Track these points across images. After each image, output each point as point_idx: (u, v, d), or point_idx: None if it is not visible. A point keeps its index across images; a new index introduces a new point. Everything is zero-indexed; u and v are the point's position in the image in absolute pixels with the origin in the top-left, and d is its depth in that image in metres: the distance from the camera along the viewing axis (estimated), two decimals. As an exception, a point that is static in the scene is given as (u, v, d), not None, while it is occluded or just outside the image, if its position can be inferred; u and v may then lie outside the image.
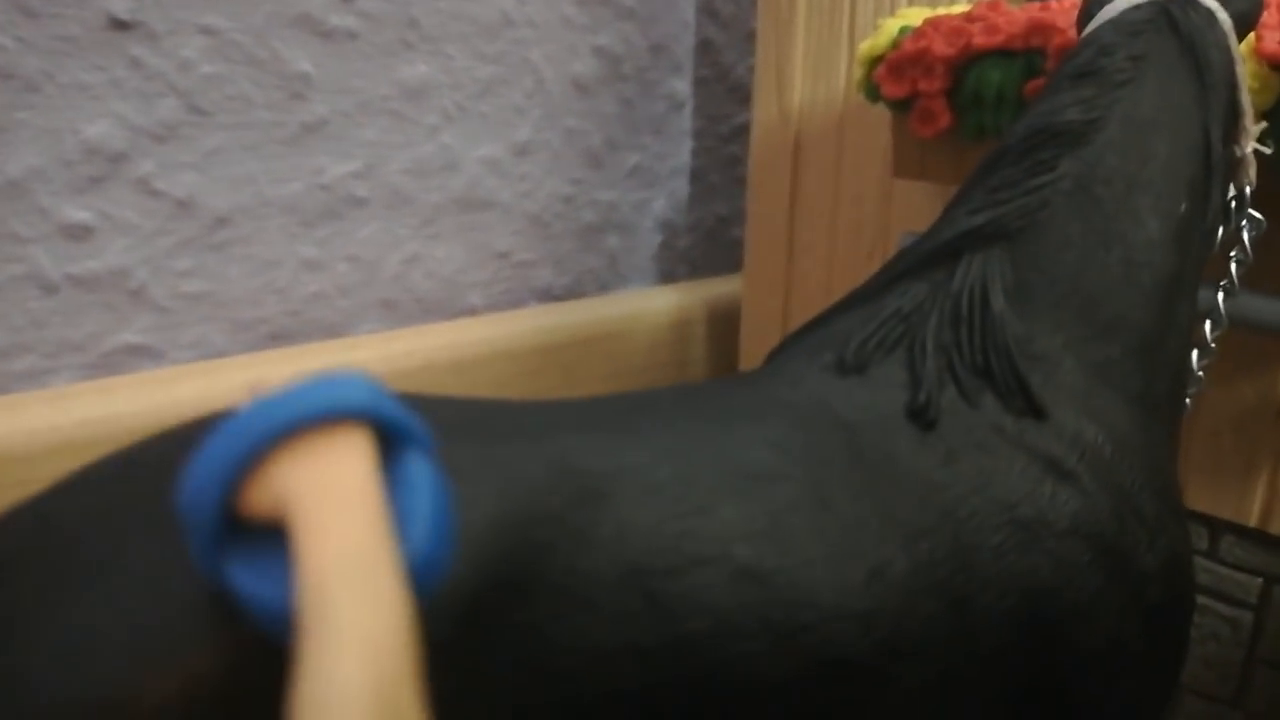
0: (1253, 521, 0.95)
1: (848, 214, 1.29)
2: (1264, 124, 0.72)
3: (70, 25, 0.98)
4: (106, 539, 0.42)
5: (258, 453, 0.37)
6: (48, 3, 0.96)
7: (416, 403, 0.52)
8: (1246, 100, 0.69)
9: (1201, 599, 1.01)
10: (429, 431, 0.41)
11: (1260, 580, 0.98)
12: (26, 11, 0.95)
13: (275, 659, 0.37)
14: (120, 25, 1.00)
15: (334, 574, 0.34)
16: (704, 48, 1.55)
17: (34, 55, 0.96)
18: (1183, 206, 0.64)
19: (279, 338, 1.19)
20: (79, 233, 1.02)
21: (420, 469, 0.39)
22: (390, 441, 0.40)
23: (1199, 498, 0.98)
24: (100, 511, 0.44)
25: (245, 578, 0.37)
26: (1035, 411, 0.58)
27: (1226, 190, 0.70)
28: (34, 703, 0.38)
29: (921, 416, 0.57)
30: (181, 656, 0.38)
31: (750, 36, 1.60)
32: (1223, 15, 0.68)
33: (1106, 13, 0.69)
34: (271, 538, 0.37)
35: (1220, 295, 0.74)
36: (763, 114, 1.35)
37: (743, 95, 1.62)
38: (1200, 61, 0.66)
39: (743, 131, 1.64)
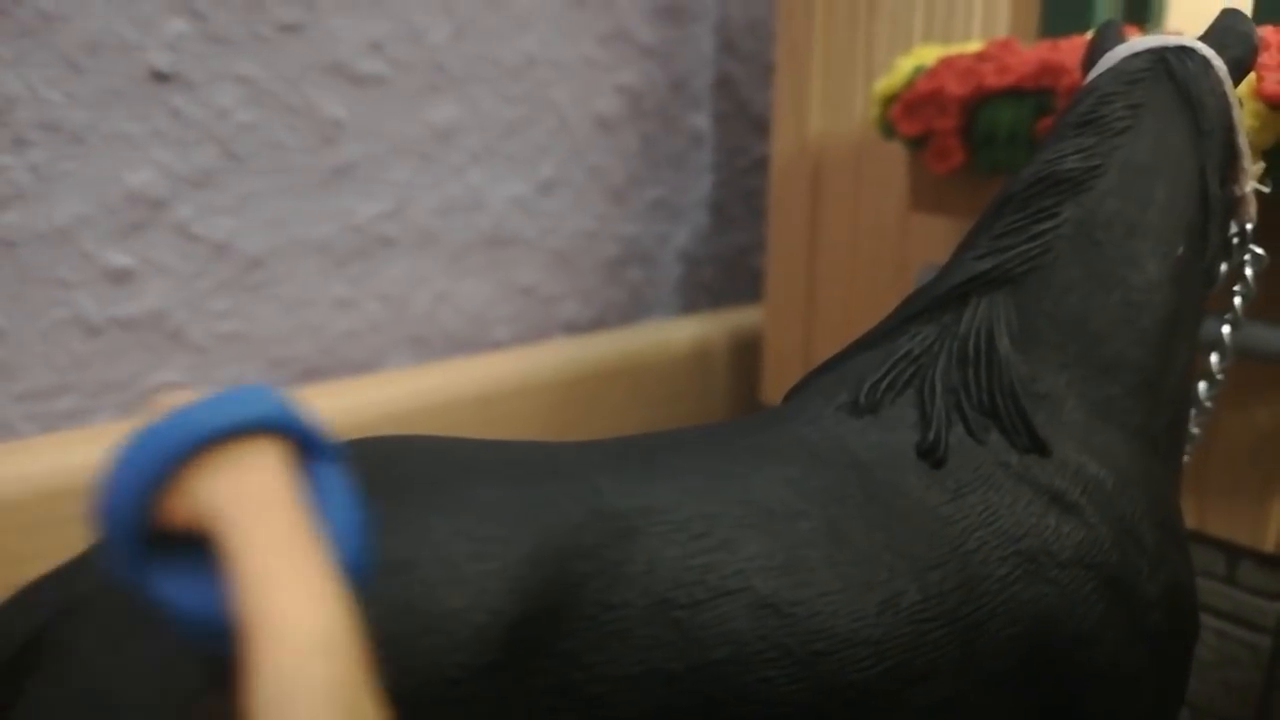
0: (1270, 547, 0.96)
1: (867, 245, 1.31)
2: (1262, 164, 0.74)
3: (114, 78, 1.02)
4: None
5: (177, 464, 0.37)
6: (93, 58, 1.00)
7: (459, 447, 0.55)
8: (1244, 142, 0.71)
9: (1219, 624, 1.02)
10: (329, 440, 0.42)
11: (1278, 605, 0.99)
12: (74, 67, 0.99)
13: None
14: (161, 77, 1.04)
15: (271, 574, 0.34)
16: (723, 83, 1.58)
17: (80, 108, 1.00)
18: (1180, 248, 0.67)
19: (312, 375, 1.22)
20: (121, 277, 1.06)
21: (331, 475, 0.40)
22: (303, 452, 0.40)
23: (1216, 523, 0.99)
24: None
25: (170, 588, 0.37)
26: (1040, 448, 0.60)
27: (1225, 230, 0.72)
28: None
29: (931, 454, 0.60)
30: None
31: (769, 71, 1.64)
32: (1218, 62, 0.70)
33: (1107, 60, 0.71)
34: (189, 548, 0.37)
35: (1226, 327, 0.76)
36: (782, 147, 1.38)
37: (762, 129, 1.65)
38: (1196, 108, 0.68)
39: (762, 164, 1.67)
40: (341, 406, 1.17)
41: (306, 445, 0.40)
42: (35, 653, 0.46)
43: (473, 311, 1.35)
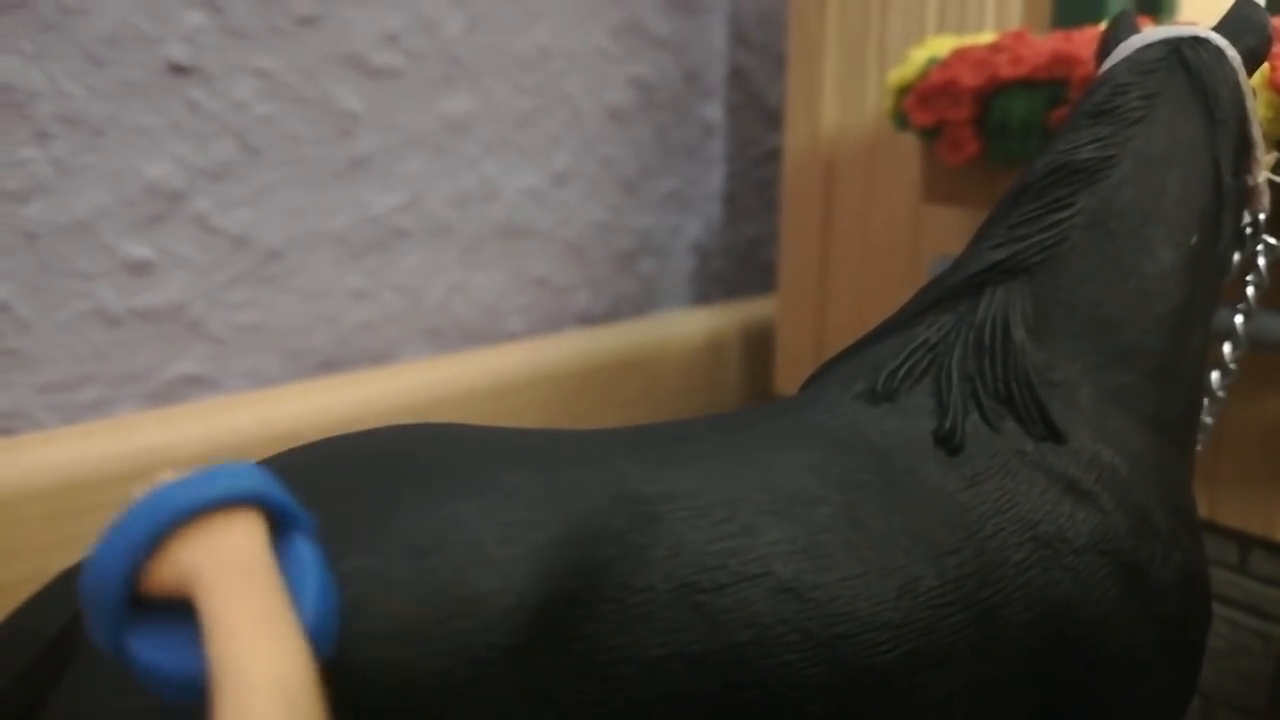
0: (1281, 536, 0.97)
1: (879, 236, 1.31)
2: (1276, 154, 0.75)
3: (133, 71, 1.03)
4: None
5: (158, 535, 0.40)
6: (113, 51, 1.01)
7: (483, 434, 0.55)
8: (1257, 132, 0.71)
9: (1232, 613, 1.03)
10: (311, 516, 0.45)
11: (1290, 594, 1.00)
12: (94, 61, 1.00)
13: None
14: (179, 70, 1.05)
15: (241, 630, 0.37)
16: (736, 74, 1.59)
17: (100, 101, 1.01)
18: (1194, 237, 0.67)
19: (329, 366, 1.23)
20: (140, 269, 1.07)
21: (305, 548, 0.43)
22: (278, 525, 0.43)
23: (1228, 513, 0.99)
24: None
25: (148, 651, 0.40)
26: (1054, 435, 0.61)
27: (1239, 219, 0.73)
28: (158, 710, 0.42)
29: (948, 442, 0.60)
30: None
31: (781, 62, 1.64)
32: (1232, 52, 0.70)
33: (1121, 51, 0.72)
34: (169, 614, 0.40)
35: (1238, 317, 0.76)
36: (794, 139, 1.38)
37: (774, 120, 1.66)
38: (1210, 98, 0.68)
39: (774, 156, 1.67)
40: (357, 398, 1.18)
41: (281, 516, 0.43)
42: (73, 638, 0.46)
43: (487, 303, 1.36)
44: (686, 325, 1.52)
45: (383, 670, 0.44)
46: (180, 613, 0.40)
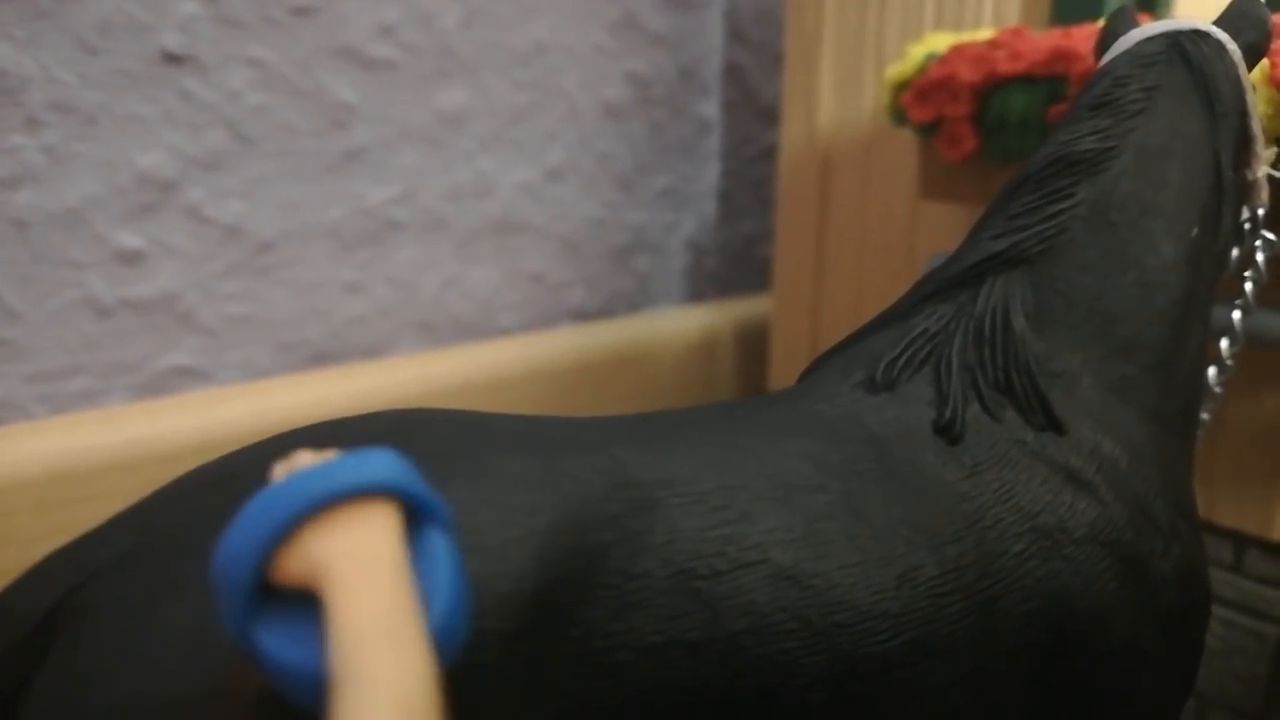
0: (1277, 536, 0.97)
1: (875, 234, 1.31)
2: (1275, 149, 0.74)
3: (126, 60, 1.02)
4: (206, 543, 0.46)
5: (293, 524, 0.39)
6: (106, 40, 1.00)
7: (481, 420, 0.55)
8: (1257, 127, 0.71)
9: (1227, 613, 1.03)
10: (447, 508, 0.43)
11: (1284, 594, 1.00)
12: (87, 49, 0.99)
13: None
14: (173, 59, 1.05)
15: (367, 635, 0.36)
16: (732, 71, 1.58)
17: (92, 90, 1.00)
18: (1194, 230, 0.67)
19: (321, 359, 1.23)
20: (132, 258, 1.06)
21: (440, 543, 0.41)
22: (414, 516, 0.42)
23: (1224, 512, 0.99)
24: (199, 517, 0.47)
25: (274, 642, 0.38)
26: (1055, 426, 0.61)
27: (1238, 214, 0.72)
28: (144, 695, 0.41)
29: (948, 431, 0.60)
30: None
31: (778, 60, 1.64)
32: (1232, 46, 0.70)
33: (1121, 44, 0.72)
34: (299, 604, 0.39)
35: (1236, 313, 0.76)
36: (791, 136, 1.38)
37: (770, 117, 1.65)
38: (1210, 91, 0.68)
39: (770, 153, 1.67)
40: (349, 391, 1.18)
41: (418, 508, 0.41)
42: (58, 620, 0.46)
43: (481, 297, 1.36)
44: (681, 322, 1.51)
45: None
46: (311, 604, 0.39)
